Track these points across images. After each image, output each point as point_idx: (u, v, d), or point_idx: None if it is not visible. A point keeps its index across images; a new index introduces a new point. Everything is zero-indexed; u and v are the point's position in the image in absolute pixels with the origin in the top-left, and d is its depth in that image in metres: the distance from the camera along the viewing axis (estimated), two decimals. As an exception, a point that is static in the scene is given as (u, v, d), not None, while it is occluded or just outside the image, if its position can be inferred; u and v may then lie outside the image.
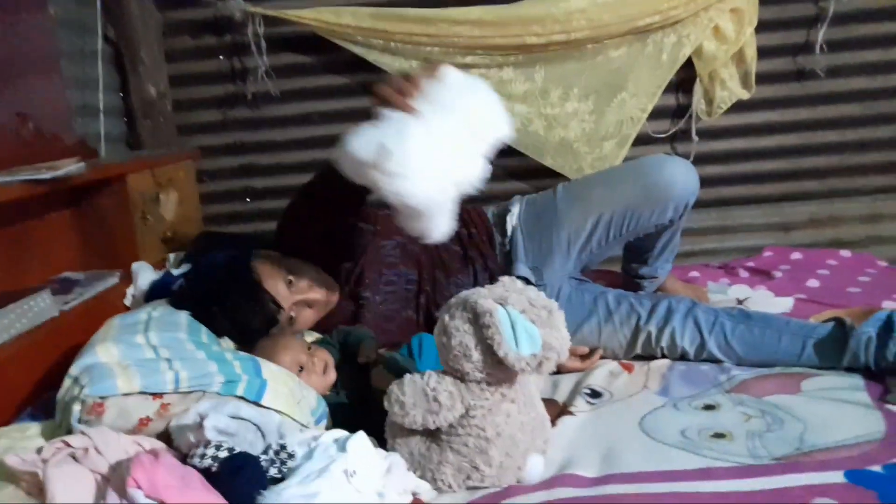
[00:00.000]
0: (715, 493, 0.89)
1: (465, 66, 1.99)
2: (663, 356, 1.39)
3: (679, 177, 1.45)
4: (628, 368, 1.35)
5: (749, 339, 1.31)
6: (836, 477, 0.89)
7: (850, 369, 1.23)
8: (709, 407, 1.15)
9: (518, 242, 1.55)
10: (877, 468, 0.91)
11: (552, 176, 2.09)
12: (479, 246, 1.55)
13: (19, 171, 1.29)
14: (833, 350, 1.25)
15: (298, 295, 1.35)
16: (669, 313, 1.37)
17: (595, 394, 1.25)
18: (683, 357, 1.37)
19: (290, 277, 1.35)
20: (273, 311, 1.28)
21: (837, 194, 2.16)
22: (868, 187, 2.15)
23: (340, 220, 1.40)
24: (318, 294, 1.38)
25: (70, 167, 1.33)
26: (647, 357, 1.40)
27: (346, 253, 1.47)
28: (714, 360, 1.34)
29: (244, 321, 1.23)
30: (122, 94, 2.09)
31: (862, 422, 1.04)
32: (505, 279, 0.99)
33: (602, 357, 1.41)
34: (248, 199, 2.24)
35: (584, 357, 1.39)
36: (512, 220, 1.57)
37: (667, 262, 1.63)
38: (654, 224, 1.48)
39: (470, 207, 1.60)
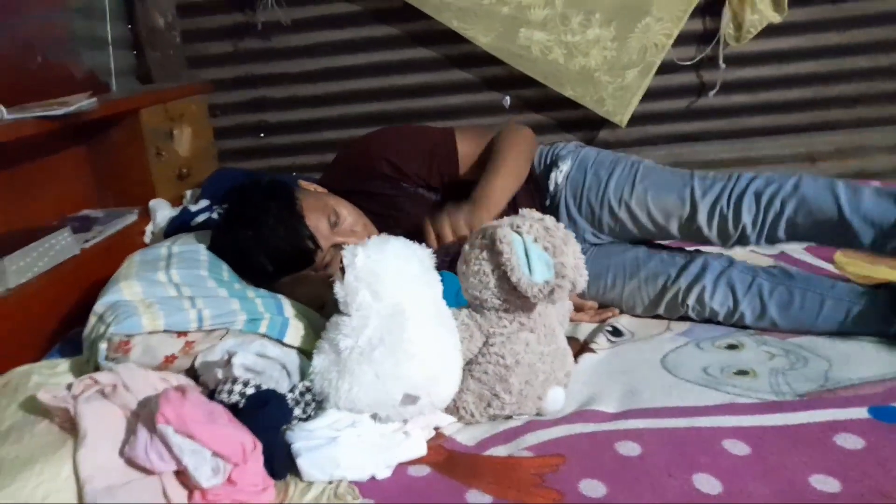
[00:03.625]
0: (736, 427, 0.89)
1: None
2: (688, 319, 1.25)
3: None
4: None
5: (787, 302, 1.16)
6: (860, 413, 0.89)
7: None
8: (732, 346, 1.14)
9: (562, 201, 1.39)
10: (901, 404, 0.90)
11: (572, 107, 2.03)
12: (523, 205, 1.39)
13: (30, 107, 1.27)
14: (880, 317, 1.10)
15: (339, 237, 1.19)
16: (703, 271, 1.23)
17: (616, 332, 1.24)
18: (710, 321, 1.24)
19: (335, 217, 1.20)
20: (309, 248, 1.16)
21: (865, 123, 2.08)
22: (898, 115, 2.08)
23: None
24: (359, 240, 1.19)
25: (82, 103, 1.30)
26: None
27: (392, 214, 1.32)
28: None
29: (277, 251, 1.14)
30: (129, 25, 2.03)
31: (888, 358, 1.03)
32: (525, 210, 0.98)
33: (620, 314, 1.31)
34: (261, 134, 2.21)
35: (595, 312, 1.31)
36: (558, 178, 1.39)
37: None
38: None
39: None
